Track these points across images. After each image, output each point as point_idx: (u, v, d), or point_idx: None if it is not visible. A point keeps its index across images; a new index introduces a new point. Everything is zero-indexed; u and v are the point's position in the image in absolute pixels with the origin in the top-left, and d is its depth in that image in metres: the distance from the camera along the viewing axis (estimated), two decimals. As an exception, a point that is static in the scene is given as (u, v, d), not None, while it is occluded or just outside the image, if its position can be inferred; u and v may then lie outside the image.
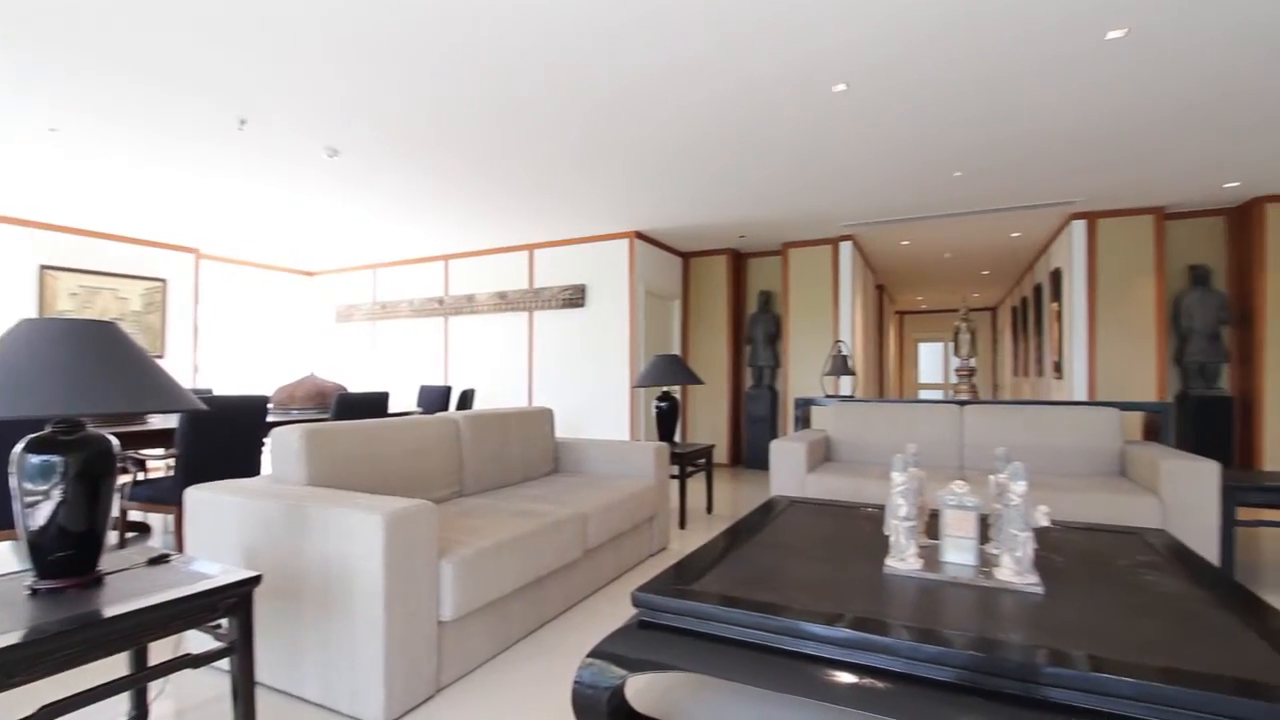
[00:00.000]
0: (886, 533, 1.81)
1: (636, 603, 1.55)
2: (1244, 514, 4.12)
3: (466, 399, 5.90)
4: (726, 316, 7.18)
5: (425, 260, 7.49)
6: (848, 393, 6.30)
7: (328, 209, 5.39)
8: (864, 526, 2.30)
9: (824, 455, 4.06)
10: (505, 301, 6.80)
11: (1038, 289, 7.57)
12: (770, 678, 1.36)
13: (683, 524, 4.20)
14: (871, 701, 1.28)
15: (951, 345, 13.88)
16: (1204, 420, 5.27)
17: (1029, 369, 8.46)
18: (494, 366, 6.97)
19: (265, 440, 3.52)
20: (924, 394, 14.66)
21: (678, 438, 6.98)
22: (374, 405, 4.51)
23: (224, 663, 1.98)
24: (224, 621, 1.48)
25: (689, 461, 4.24)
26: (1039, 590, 1.57)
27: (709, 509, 4.62)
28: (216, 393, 6.90)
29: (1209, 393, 5.34)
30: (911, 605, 1.51)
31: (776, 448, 3.64)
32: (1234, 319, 5.49)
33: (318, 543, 1.83)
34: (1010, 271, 8.98)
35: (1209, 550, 2.76)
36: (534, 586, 2.40)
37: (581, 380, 6.44)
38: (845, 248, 6.50)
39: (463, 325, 7.19)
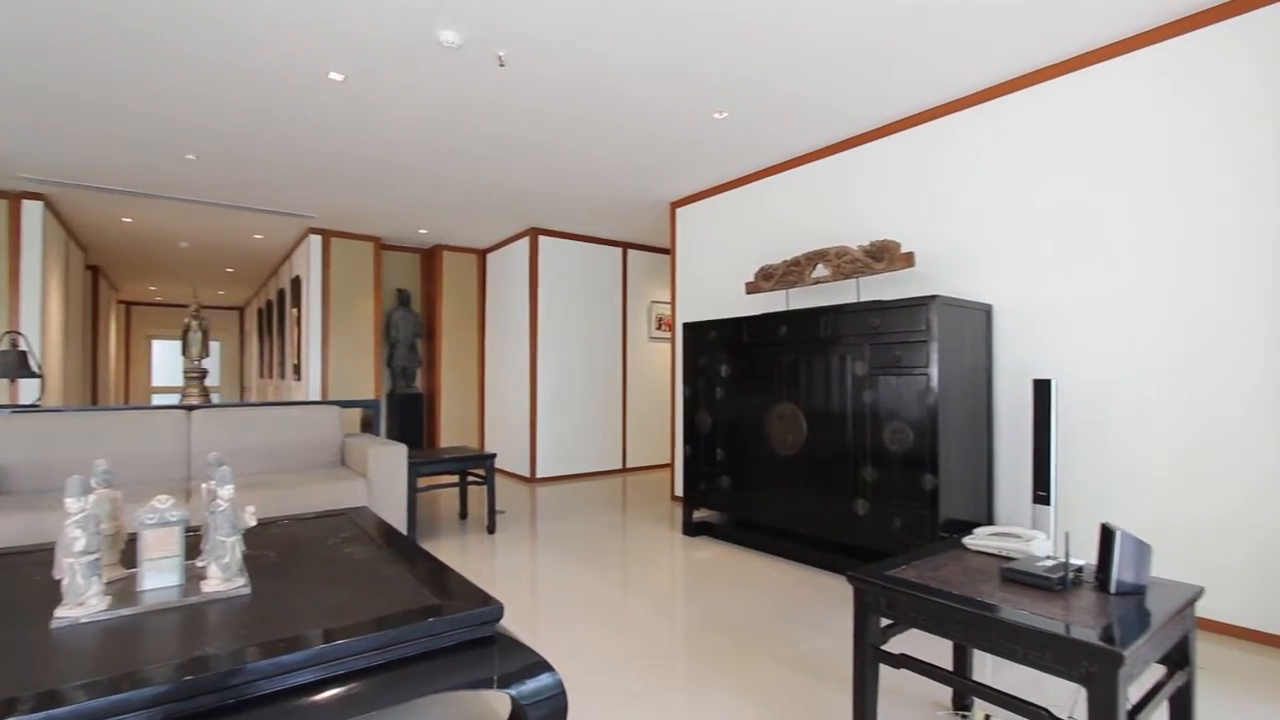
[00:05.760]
0: (58, 576, 1.44)
1: None
2: (423, 482, 5.42)
3: None
4: None
5: None
6: (35, 400, 4.78)
7: None
8: (36, 575, 1.78)
9: (-21, 490, 2.93)
10: None
11: (281, 294, 7.81)
12: None
13: None
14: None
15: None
16: (405, 412, 6.67)
17: (274, 371, 8.61)
18: None
19: None
20: (159, 399, 12.74)
21: None
22: None
23: None
24: None
25: None
26: (246, 591, 1.58)
27: None
28: None
29: (408, 390, 6.80)
30: (91, 658, 1.25)
31: (-126, 492, 2.38)
32: (425, 333, 7.18)
33: None
34: (257, 272, 8.92)
35: (401, 515, 3.48)
36: None
37: None
38: (33, 209, 4.93)
39: None
